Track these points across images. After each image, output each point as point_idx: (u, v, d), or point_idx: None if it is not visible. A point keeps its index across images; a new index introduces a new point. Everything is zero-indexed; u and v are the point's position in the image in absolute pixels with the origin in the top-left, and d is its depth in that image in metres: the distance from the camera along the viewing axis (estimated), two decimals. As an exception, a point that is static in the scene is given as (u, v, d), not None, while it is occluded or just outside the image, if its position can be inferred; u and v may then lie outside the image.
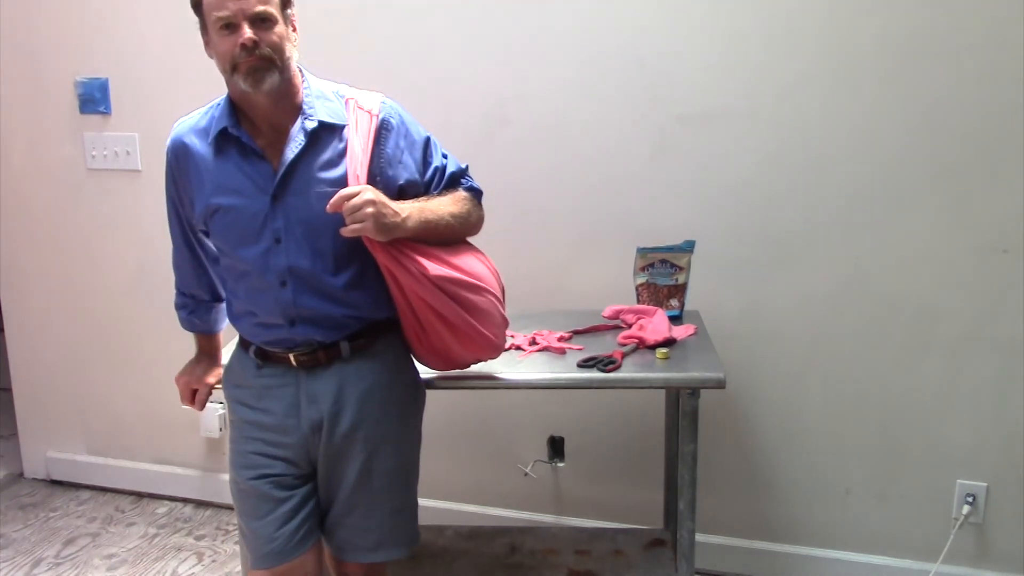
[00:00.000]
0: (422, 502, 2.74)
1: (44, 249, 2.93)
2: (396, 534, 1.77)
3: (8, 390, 3.21)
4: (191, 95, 1.85)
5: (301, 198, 1.59)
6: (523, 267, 2.49)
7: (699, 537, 2.05)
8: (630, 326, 2.09)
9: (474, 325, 1.69)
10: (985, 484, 2.25)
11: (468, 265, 1.70)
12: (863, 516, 2.37)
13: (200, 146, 1.64)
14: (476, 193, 1.79)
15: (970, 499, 2.26)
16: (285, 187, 1.59)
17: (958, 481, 2.27)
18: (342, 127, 1.63)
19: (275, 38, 1.55)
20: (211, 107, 1.67)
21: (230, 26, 1.52)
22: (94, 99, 2.77)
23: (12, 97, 2.87)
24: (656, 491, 2.42)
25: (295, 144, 1.59)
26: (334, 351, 1.65)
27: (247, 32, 1.52)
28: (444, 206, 1.68)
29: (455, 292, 1.65)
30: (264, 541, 1.68)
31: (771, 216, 2.28)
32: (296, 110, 1.61)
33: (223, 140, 1.61)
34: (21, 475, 3.22)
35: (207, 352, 1.88)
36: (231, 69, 1.54)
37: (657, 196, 2.35)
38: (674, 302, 2.19)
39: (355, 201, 1.51)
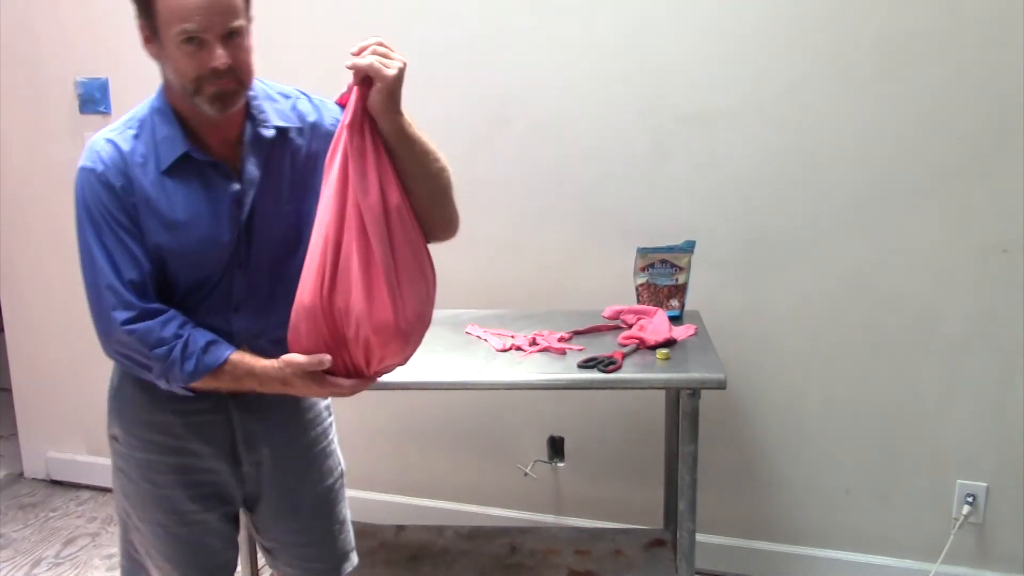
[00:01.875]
0: (423, 502, 2.77)
1: (44, 249, 2.93)
2: (348, 543, 1.73)
3: (8, 390, 3.21)
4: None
5: (265, 220, 1.43)
6: (523, 268, 2.50)
7: (699, 537, 2.05)
8: (630, 326, 2.09)
9: (398, 285, 1.37)
10: (985, 484, 2.25)
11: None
12: (863, 516, 2.37)
13: (141, 175, 1.37)
14: None
15: (970, 499, 2.26)
16: (253, 209, 1.41)
17: (958, 481, 2.27)
18: (297, 128, 1.45)
19: (245, 55, 1.34)
20: (133, 124, 1.40)
21: (195, 40, 1.29)
22: (94, 99, 2.77)
23: (12, 97, 2.87)
24: (656, 491, 2.42)
25: (252, 158, 1.41)
26: None
27: (222, 56, 1.30)
28: (442, 159, 1.47)
29: (407, 240, 1.40)
30: None
31: (771, 216, 2.28)
32: (241, 113, 1.41)
33: (178, 166, 1.37)
34: (21, 475, 3.22)
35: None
36: (193, 89, 1.32)
37: (657, 196, 2.35)
38: (674, 302, 2.19)
39: (387, 50, 1.37)
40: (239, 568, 2.15)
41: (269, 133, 1.42)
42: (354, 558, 1.74)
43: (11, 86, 2.86)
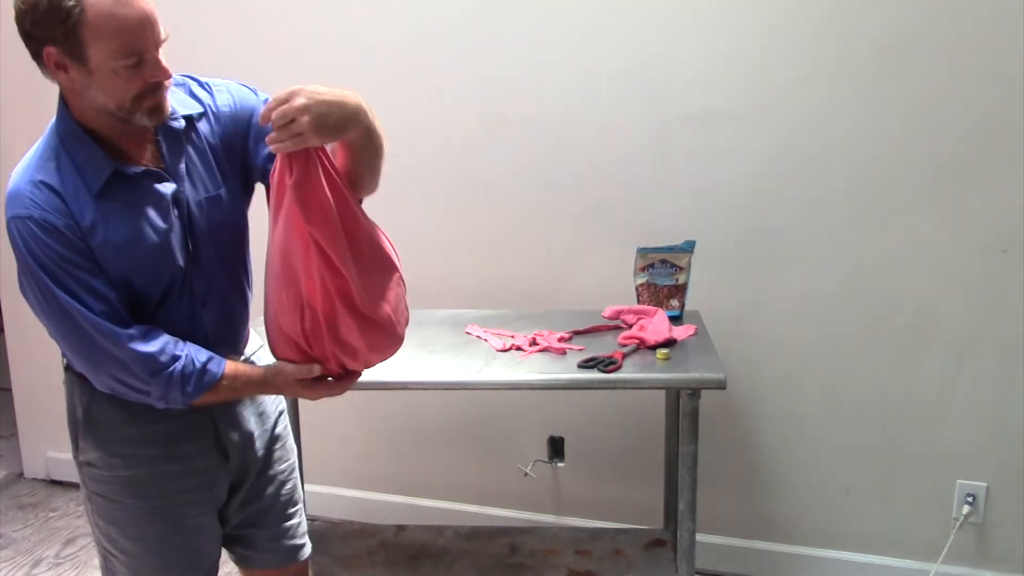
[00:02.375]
0: (423, 502, 2.76)
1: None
2: (305, 526, 1.75)
3: (8, 390, 3.21)
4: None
5: (202, 212, 1.41)
6: (523, 268, 2.49)
7: (699, 537, 2.05)
8: (630, 326, 2.09)
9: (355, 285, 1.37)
10: (985, 484, 2.25)
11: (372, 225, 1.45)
12: (863, 516, 2.37)
13: (78, 206, 1.30)
14: None
15: (970, 499, 2.26)
16: (187, 203, 1.40)
17: (958, 481, 2.27)
18: (200, 113, 1.42)
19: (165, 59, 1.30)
20: (49, 155, 1.32)
21: (135, 59, 1.25)
22: (94, 99, 2.77)
23: (12, 97, 2.87)
24: (656, 491, 2.42)
25: (173, 153, 1.38)
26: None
27: (165, 68, 1.28)
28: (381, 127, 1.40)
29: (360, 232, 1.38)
30: None
31: (771, 216, 2.28)
32: None
33: (109, 185, 1.32)
34: (21, 475, 3.22)
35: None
36: (131, 108, 1.28)
37: (657, 196, 2.35)
38: (674, 302, 2.19)
39: (287, 108, 1.24)
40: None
41: (179, 124, 1.39)
42: (309, 544, 1.76)
43: (11, 86, 2.86)
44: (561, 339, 2.03)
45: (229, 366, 1.41)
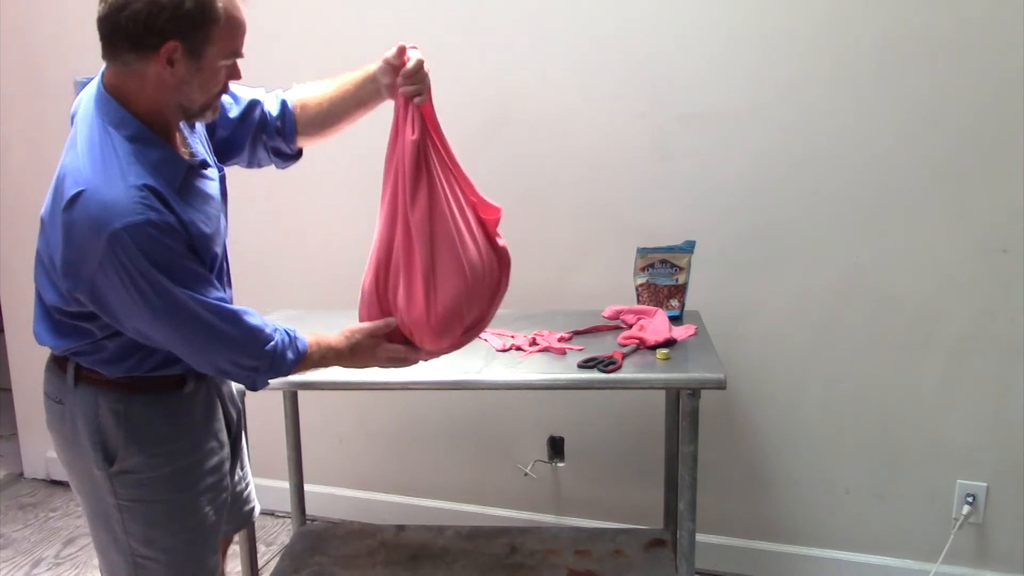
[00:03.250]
0: (423, 502, 2.76)
1: (44, 249, 2.93)
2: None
3: (8, 390, 3.21)
4: None
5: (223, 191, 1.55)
6: (523, 268, 2.48)
7: (699, 537, 2.05)
8: (630, 326, 2.09)
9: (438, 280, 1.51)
10: (985, 484, 2.25)
11: None
12: (863, 516, 2.37)
13: (173, 203, 1.34)
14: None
15: (970, 499, 2.26)
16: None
17: (958, 481, 2.27)
18: None
19: None
20: (127, 159, 1.30)
21: (234, 61, 1.37)
22: (94, 99, 2.77)
23: (12, 97, 2.87)
24: (656, 491, 2.42)
25: (195, 141, 1.47)
26: None
27: (240, 71, 1.39)
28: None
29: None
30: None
31: (771, 216, 2.28)
32: None
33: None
34: (21, 475, 3.22)
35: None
36: (205, 104, 1.37)
37: (657, 196, 2.35)
38: (674, 302, 2.19)
39: (421, 59, 1.49)
40: (238, 568, 2.15)
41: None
42: (259, 504, 1.84)
43: (11, 86, 2.86)
44: (561, 339, 2.03)
45: (310, 336, 1.51)
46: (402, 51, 1.48)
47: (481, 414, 2.62)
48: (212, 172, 1.47)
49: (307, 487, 2.52)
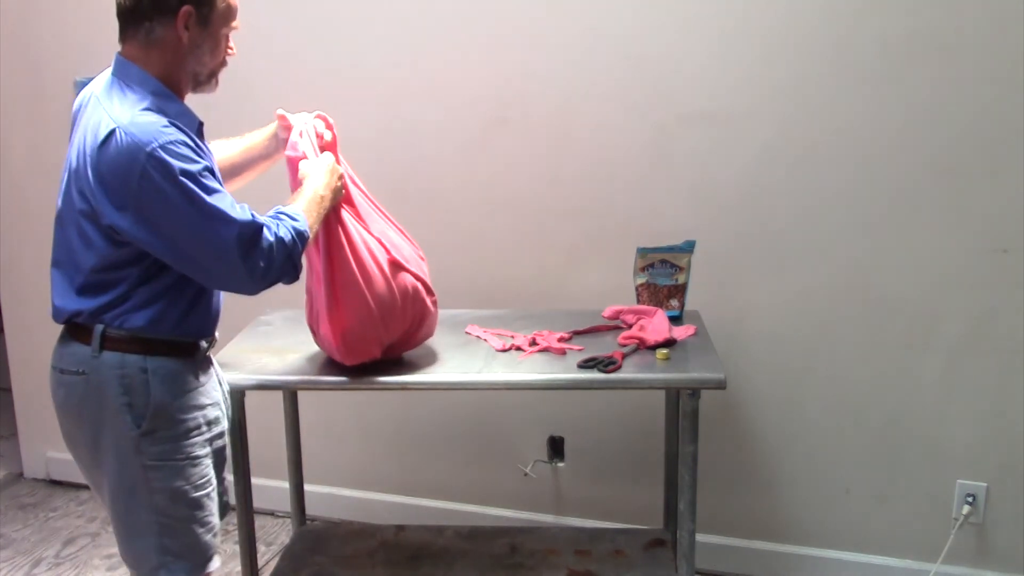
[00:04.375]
0: (423, 502, 2.76)
1: (44, 249, 2.91)
2: None
3: (8, 390, 3.21)
4: (189, 95, 1.85)
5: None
6: (523, 268, 2.50)
7: (699, 537, 2.05)
8: (630, 326, 2.09)
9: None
10: (985, 484, 2.25)
11: None
12: (863, 516, 2.37)
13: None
14: None
15: (970, 499, 2.26)
16: None
17: (958, 481, 2.27)
18: None
19: None
20: (147, 106, 1.48)
21: (231, 30, 1.59)
22: (94, 99, 2.77)
23: (12, 97, 2.87)
24: (656, 491, 2.42)
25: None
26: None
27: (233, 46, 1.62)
28: None
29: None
30: (219, 532, 1.69)
31: (771, 216, 2.28)
32: None
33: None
34: (21, 475, 3.22)
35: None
36: (211, 73, 1.59)
37: (657, 196, 2.35)
38: (674, 302, 2.19)
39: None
40: (239, 567, 2.15)
41: None
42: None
43: (11, 86, 2.86)
44: (561, 339, 2.03)
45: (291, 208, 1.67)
46: (282, 119, 1.82)
47: (481, 414, 2.62)
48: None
49: (307, 487, 2.52)
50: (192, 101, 1.58)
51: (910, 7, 2.08)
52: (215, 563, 1.66)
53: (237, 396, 1.91)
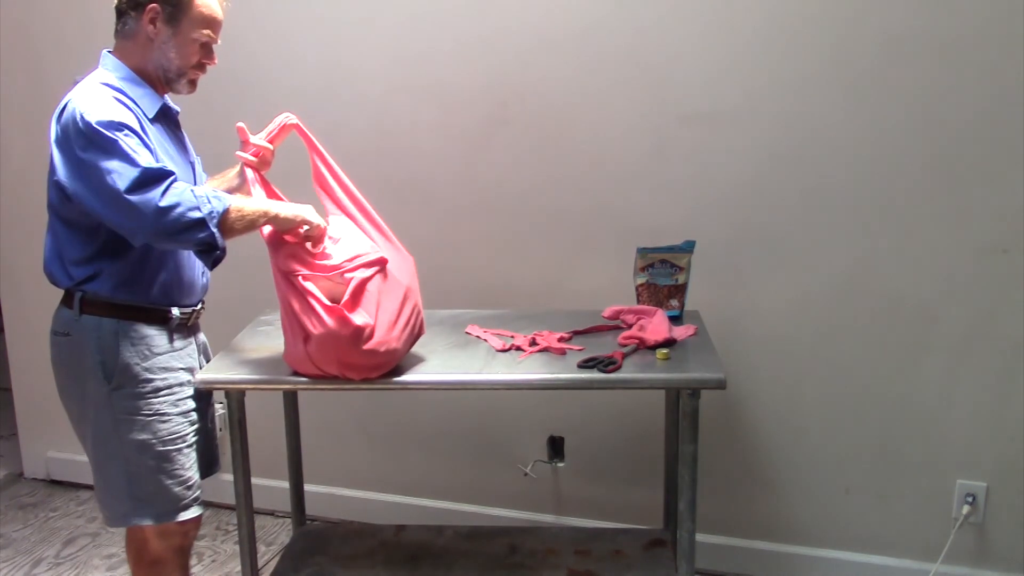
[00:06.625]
0: (423, 502, 2.76)
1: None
2: None
3: (8, 390, 3.21)
4: (189, 95, 1.85)
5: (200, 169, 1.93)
6: (523, 268, 2.50)
7: (699, 537, 2.05)
8: (630, 326, 2.09)
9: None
10: (985, 484, 2.25)
11: None
12: (863, 516, 2.37)
13: (141, 117, 1.71)
14: None
15: (970, 499, 2.26)
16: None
17: (958, 481, 2.27)
18: None
19: None
20: (99, 79, 1.73)
21: (206, 44, 1.75)
22: (94, 99, 2.77)
23: (12, 97, 2.87)
24: (656, 491, 2.42)
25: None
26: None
27: (215, 58, 1.78)
28: None
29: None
30: (195, 487, 1.85)
31: (771, 216, 2.28)
32: None
33: (156, 118, 1.76)
34: (21, 475, 3.22)
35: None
36: (180, 73, 1.75)
37: (657, 196, 2.35)
38: (674, 302, 2.19)
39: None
40: (239, 567, 2.15)
41: (176, 108, 1.87)
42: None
43: (11, 86, 2.86)
44: (561, 339, 2.03)
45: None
46: (240, 132, 1.88)
47: (481, 414, 2.62)
48: (183, 134, 1.87)
49: (306, 487, 2.52)
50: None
51: (910, 7, 2.08)
52: (187, 514, 1.83)
53: (237, 396, 1.92)
